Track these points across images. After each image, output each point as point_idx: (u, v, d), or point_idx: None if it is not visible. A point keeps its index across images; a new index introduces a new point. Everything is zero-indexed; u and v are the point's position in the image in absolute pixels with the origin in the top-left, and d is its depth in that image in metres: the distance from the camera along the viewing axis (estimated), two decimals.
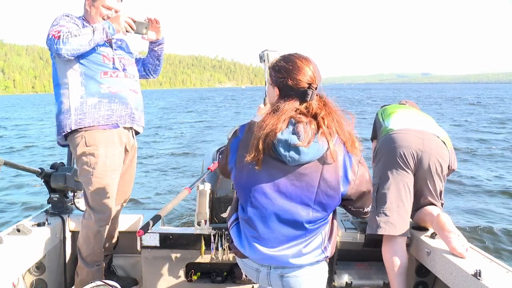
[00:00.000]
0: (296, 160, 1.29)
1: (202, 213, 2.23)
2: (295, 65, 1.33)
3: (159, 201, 6.73)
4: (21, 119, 28.06)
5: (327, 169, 1.33)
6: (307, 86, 1.32)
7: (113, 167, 2.25)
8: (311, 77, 1.32)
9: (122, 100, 2.26)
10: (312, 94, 1.33)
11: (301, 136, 1.28)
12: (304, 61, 1.34)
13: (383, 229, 2.18)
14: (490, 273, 1.75)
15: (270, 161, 1.33)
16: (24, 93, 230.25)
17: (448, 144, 2.32)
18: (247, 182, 1.38)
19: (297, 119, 1.31)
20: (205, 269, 2.47)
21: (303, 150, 1.28)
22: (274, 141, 1.30)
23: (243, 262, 1.55)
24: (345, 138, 1.34)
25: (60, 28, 2.10)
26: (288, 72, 1.33)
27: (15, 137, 17.05)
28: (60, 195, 2.56)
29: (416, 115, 2.48)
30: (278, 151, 1.30)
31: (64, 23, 2.15)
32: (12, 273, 2.01)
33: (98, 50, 2.22)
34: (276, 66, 1.37)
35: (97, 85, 2.21)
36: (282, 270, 1.45)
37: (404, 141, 2.24)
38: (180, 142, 14.13)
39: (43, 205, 3.01)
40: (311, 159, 1.30)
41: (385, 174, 2.26)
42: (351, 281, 2.39)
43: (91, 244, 2.29)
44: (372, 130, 2.68)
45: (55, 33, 2.06)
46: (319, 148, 1.29)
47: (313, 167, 1.33)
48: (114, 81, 2.25)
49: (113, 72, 2.26)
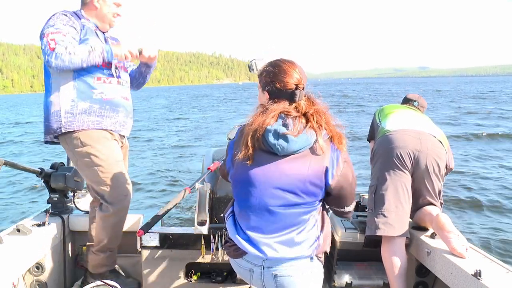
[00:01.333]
0: (285, 148, 1.35)
1: (202, 213, 2.23)
2: (281, 69, 1.42)
3: (159, 201, 6.74)
4: (22, 117, 28.07)
5: (315, 160, 1.39)
6: (295, 87, 1.40)
7: (116, 158, 2.29)
8: (298, 79, 1.41)
9: (113, 107, 2.28)
10: (300, 94, 1.41)
11: (290, 127, 1.36)
12: (289, 64, 1.43)
13: (382, 230, 2.18)
14: (490, 273, 1.75)
15: (261, 154, 1.40)
16: (22, 92, 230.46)
17: (445, 143, 2.32)
18: (240, 177, 1.45)
19: (287, 113, 1.39)
20: (205, 269, 2.46)
21: (291, 138, 1.34)
22: (263, 133, 1.37)
23: (236, 263, 1.56)
24: (333, 133, 1.41)
25: (56, 36, 2.05)
26: (275, 76, 1.41)
27: (16, 137, 17.06)
28: (60, 195, 2.56)
29: (412, 116, 2.49)
30: (268, 140, 1.36)
31: (60, 27, 2.10)
32: (12, 273, 2.01)
33: None
34: (263, 72, 1.47)
35: (90, 90, 2.21)
36: (275, 268, 1.46)
37: (400, 142, 2.25)
38: (180, 143, 14.12)
39: (43, 205, 3.00)
40: (299, 148, 1.36)
41: (383, 175, 2.27)
42: (351, 281, 2.39)
43: (108, 234, 2.33)
44: (369, 131, 2.69)
45: (51, 42, 2.03)
46: (307, 138, 1.36)
47: (302, 158, 1.39)
48: (107, 87, 2.25)
49: (106, 78, 2.26)
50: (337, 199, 1.49)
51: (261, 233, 1.46)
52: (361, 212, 2.68)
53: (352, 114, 22.37)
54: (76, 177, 2.49)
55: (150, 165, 9.99)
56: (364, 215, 2.48)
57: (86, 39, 2.21)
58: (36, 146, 14.13)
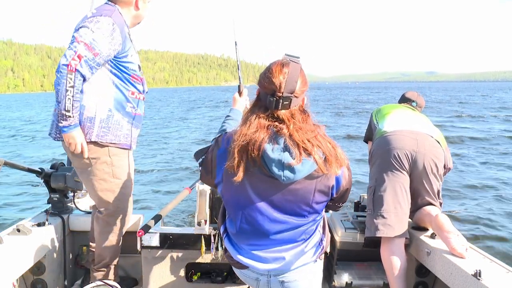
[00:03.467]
0: (291, 179, 1.25)
1: (202, 213, 2.23)
2: (269, 72, 1.26)
3: (159, 201, 6.74)
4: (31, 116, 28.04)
5: (321, 181, 1.31)
6: (271, 93, 1.24)
7: (130, 176, 2.30)
8: (277, 85, 1.23)
9: (137, 124, 2.26)
10: (275, 103, 1.24)
11: (293, 154, 1.22)
12: (278, 66, 1.26)
13: (381, 231, 2.18)
14: (490, 273, 1.75)
15: (261, 177, 1.28)
16: (33, 91, 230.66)
17: (442, 143, 2.32)
18: (238, 199, 1.35)
19: (275, 126, 1.25)
20: (205, 269, 2.46)
21: (297, 169, 1.23)
22: (263, 157, 1.24)
23: (242, 273, 1.53)
24: (328, 151, 1.27)
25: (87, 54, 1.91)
26: (263, 78, 1.28)
27: (18, 136, 17.07)
28: (60, 195, 2.56)
29: (410, 116, 2.48)
30: (272, 170, 1.24)
31: (98, 41, 1.94)
32: (12, 273, 2.01)
33: (132, 68, 2.15)
34: None
35: (125, 103, 2.15)
36: (282, 276, 1.45)
37: (398, 143, 2.25)
38: (180, 142, 14.13)
39: (43, 205, 3.01)
40: (304, 175, 1.26)
41: (381, 177, 2.27)
42: (351, 281, 2.39)
43: (114, 247, 2.35)
44: (366, 132, 2.68)
45: (76, 58, 1.88)
46: (311, 164, 1.25)
47: (307, 181, 1.29)
48: (138, 103, 2.23)
49: (138, 93, 2.21)
50: (338, 200, 1.46)
51: (265, 250, 1.41)
52: (361, 212, 2.68)
53: (353, 114, 22.37)
54: (76, 177, 2.49)
55: (150, 166, 10.00)
56: (364, 215, 2.48)
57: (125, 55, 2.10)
58: (38, 146, 14.12)
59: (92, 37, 1.93)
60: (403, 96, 2.76)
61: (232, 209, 1.40)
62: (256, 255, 1.42)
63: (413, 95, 2.73)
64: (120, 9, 2.12)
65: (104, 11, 2.03)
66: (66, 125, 1.97)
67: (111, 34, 1.98)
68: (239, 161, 1.24)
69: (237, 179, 1.25)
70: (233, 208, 1.39)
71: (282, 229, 1.36)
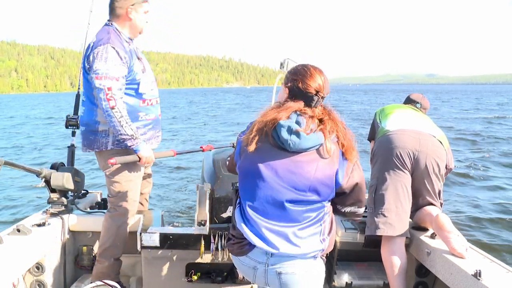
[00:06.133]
0: (296, 144, 1.38)
1: (202, 213, 2.23)
2: (309, 72, 1.46)
3: (159, 202, 6.73)
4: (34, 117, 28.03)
5: (323, 162, 1.42)
6: (315, 92, 1.44)
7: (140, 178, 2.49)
8: (320, 86, 1.45)
9: (155, 125, 2.43)
10: (317, 101, 1.46)
11: (303, 125, 1.39)
12: (317, 71, 1.47)
13: (382, 230, 2.18)
14: (490, 273, 1.75)
15: (269, 148, 1.43)
16: (36, 92, 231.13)
17: (445, 143, 2.32)
18: (247, 168, 1.48)
19: (301, 112, 1.43)
20: (205, 269, 2.47)
21: (303, 135, 1.38)
22: (276, 127, 1.40)
23: (240, 261, 1.57)
24: (347, 146, 1.45)
25: (113, 85, 2.11)
26: (301, 76, 1.45)
27: (20, 136, 17.06)
28: (60, 195, 2.56)
29: (413, 116, 2.48)
30: (281, 135, 1.39)
31: (113, 70, 2.13)
32: (12, 273, 2.01)
33: (138, 78, 2.28)
34: (293, 69, 1.52)
35: (137, 113, 2.31)
36: (279, 265, 1.47)
37: (400, 142, 2.25)
38: (181, 142, 14.12)
39: (43, 205, 3.01)
40: (310, 146, 1.39)
41: (383, 175, 2.27)
42: (351, 281, 2.39)
43: (118, 241, 2.42)
44: (369, 131, 2.69)
45: (108, 92, 2.10)
46: (318, 137, 1.40)
47: (310, 157, 1.42)
48: (150, 109, 2.38)
49: (149, 100, 2.37)
50: (350, 197, 1.50)
51: (265, 218, 1.46)
52: None
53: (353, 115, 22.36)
54: (76, 177, 2.49)
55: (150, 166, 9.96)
56: (364, 215, 2.48)
57: (132, 70, 2.26)
58: (39, 146, 14.11)
59: (106, 67, 2.12)
60: (408, 98, 2.76)
61: (242, 179, 1.52)
62: (257, 229, 1.46)
63: (418, 97, 2.73)
64: (117, 26, 2.28)
65: (102, 40, 2.17)
66: (136, 144, 2.22)
67: (117, 56, 2.16)
68: (254, 135, 1.43)
69: (250, 149, 1.42)
70: (243, 178, 1.51)
71: (282, 199, 1.43)
